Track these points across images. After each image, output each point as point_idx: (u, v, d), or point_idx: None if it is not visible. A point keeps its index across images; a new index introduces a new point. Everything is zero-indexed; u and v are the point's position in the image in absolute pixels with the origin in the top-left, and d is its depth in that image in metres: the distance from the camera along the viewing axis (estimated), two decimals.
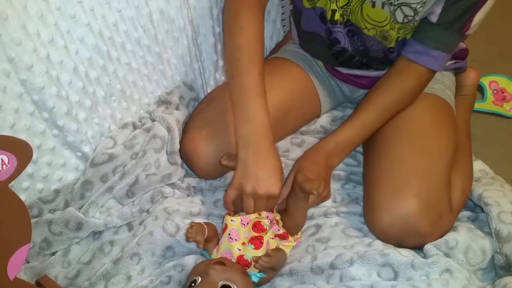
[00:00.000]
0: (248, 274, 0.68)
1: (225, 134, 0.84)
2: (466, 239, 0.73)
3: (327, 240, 0.76)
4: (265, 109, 0.75)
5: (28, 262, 0.77)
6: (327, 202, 0.84)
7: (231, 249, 0.71)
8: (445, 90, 0.89)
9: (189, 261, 0.75)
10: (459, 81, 1.01)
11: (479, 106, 1.14)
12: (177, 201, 0.85)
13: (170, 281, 0.74)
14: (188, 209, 0.83)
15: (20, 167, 0.61)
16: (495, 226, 0.74)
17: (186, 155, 0.87)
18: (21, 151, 0.61)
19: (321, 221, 0.81)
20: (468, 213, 0.81)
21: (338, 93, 1.01)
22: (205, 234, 0.70)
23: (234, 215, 0.75)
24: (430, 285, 0.67)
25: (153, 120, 0.89)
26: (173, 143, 0.87)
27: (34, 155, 0.73)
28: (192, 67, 0.97)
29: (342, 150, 0.84)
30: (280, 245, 0.72)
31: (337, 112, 1.03)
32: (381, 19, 0.79)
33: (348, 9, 0.81)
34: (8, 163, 0.60)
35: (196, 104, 0.98)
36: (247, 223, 0.73)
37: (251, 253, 0.70)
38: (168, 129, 0.87)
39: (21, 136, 0.71)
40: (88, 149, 0.82)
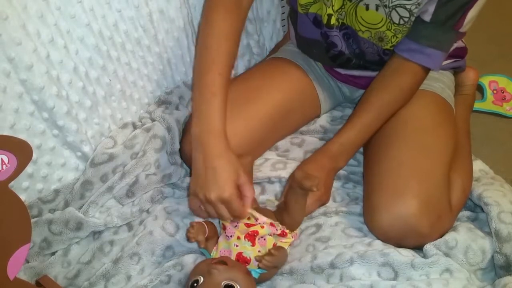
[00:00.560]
0: (250, 272, 0.68)
1: None
2: (466, 239, 0.73)
3: (327, 239, 0.76)
4: (219, 110, 0.71)
5: (28, 262, 0.77)
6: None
7: (229, 247, 0.71)
8: (445, 89, 0.89)
9: (188, 260, 0.75)
10: (459, 80, 1.01)
11: (478, 106, 1.14)
12: (177, 201, 0.85)
13: (170, 280, 0.74)
14: (187, 208, 0.83)
15: (20, 167, 0.61)
16: (495, 226, 0.74)
17: (186, 155, 0.87)
18: (21, 151, 0.61)
19: (321, 220, 0.81)
20: (468, 213, 0.81)
21: (338, 93, 1.01)
22: (206, 234, 0.70)
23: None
24: (430, 285, 0.67)
25: (153, 120, 0.89)
26: (173, 143, 0.87)
27: (34, 155, 0.73)
28: (192, 67, 0.97)
29: (347, 151, 0.83)
30: (279, 243, 0.72)
31: (336, 112, 1.03)
32: (376, 21, 0.79)
33: (343, 12, 0.81)
34: (8, 163, 0.60)
35: None
36: (238, 223, 0.72)
37: (249, 250, 0.70)
38: (168, 129, 0.87)
39: (21, 136, 0.71)
40: (88, 149, 0.82)
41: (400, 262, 0.69)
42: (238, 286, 0.63)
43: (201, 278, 0.64)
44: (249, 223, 0.72)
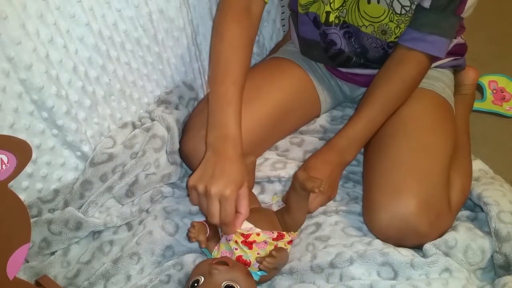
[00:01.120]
0: (251, 273, 0.68)
1: None
2: (465, 239, 0.73)
3: (327, 238, 0.76)
4: (234, 118, 0.72)
5: (27, 261, 0.77)
6: None
7: (230, 249, 0.71)
8: (445, 89, 0.89)
9: (188, 260, 0.75)
10: (458, 80, 1.01)
11: (478, 105, 1.15)
12: (177, 201, 0.85)
13: (170, 280, 0.74)
14: (187, 208, 0.83)
15: (19, 167, 0.61)
16: (494, 225, 0.74)
17: (185, 155, 0.87)
18: (21, 151, 0.61)
19: (321, 219, 0.81)
20: (467, 212, 0.81)
21: (338, 92, 1.01)
22: (207, 233, 0.70)
23: None
24: (430, 284, 0.67)
25: (152, 120, 0.89)
26: (173, 142, 0.87)
27: (33, 155, 0.73)
28: (192, 67, 0.97)
29: (353, 145, 0.83)
30: (279, 244, 0.72)
31: (336, 112, 1.03)
32: (378, 14, 0.79)
33: (344, 10, 0.81)
34: (7, 162, 0.60)
35: (196, 104, 0.98)
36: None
37: (248, 253, 0.70)
38: (168, 129, 0.87)
39: (21, 136, 0.71)
40: (88, 148, 0.82)
41: (399, 261, 0.69)
42: (238, 287, 0.63)
43: (202, 278, 0.64)
44: (245, 234, 0.71)
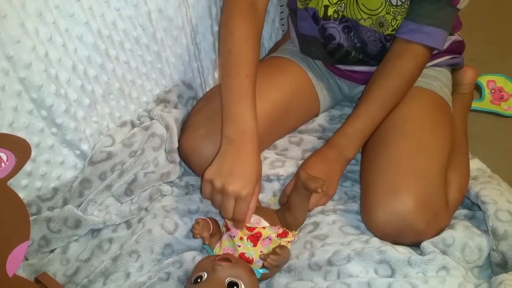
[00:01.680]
0: (251, 268, 0.68)
1: None
2: (463, 237, 0.73)
3: (324, 237, 0.77)
4: (250, 111, 0.73)
5: (27, 259, 0.77)
6: None
7: (233, 246, 0.71)
8: (442, 88, 0.89)
9: (187, 257, 0.75)
10: (456, 79, 1.01)
11: (476, 105, 1.15)
12: (176, 199, 0.86)
13: (169, 277, 0.74)
14: (186, 206, 0.84)
15: (18, 165, 0.61)
16: (492, 224, 0.74)
17: (184, 153, 0.87)
18: (20, 149, 0.61)
19: (318, 218, 0.81)
20: (465, 211, 0.82)
21: (337, 91, 1.02)
22: (211, 230, 0.71)
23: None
24: (427, 282, 0.67)
25: (151, 119, 0.89)
26: (172, 141, 0.87)
27: (32, 153, 0.73)
28: (191, 66, 0.97)
29: (353, 142, 0.84)
30: (282, 242, 0.73)
31: (335, 111, 1.03)
32: (376, 7, 0.80)
33: (342, 4, 0.81)
34: (6, 160, 0.60)
35: (195, 103, 0.98)
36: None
37: (251, 251, 0.70)
38: (167, 128, 0.87)
39: (20, 134, 0.71)
40: (87, 147, 0.82)
41: (397, 259, 0.70)
42: (242, 283, 0.63)
43: (205, 274, 0.64)
44: (251, 227, 0.72)
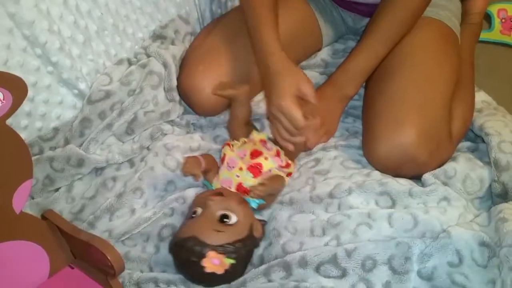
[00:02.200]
0: (246, 200, 0.70)
1: (224, 67, 0.82)
2: (464, 168, 0.73)
3: (326, 172, 0.77)
4: (273, 36, 0.76)
5: (32, 198, 0.79)
6: None
7: (230, 177, 0.72)
8: (451, 18, 0.86)
9: (190, 193, 0.76)
10: (465, 8, 0.96)
11: (485, 36, 1.10)
12: (177, 138, 0.85)
13: (173, 213, 0.75)
14: (187, 144, 0.84)
15: (15, 104, 0.60)
16: (494, 155, 0.73)
17: (184, 92, 0.86)
18: (16, 87, 0.60)
19: (320, 155, 0.81)
20: (468, 143, 0.81)
21: (341, 24, 0.98)
22: (202, 167, 0.71)
23: (232, 145, 0.75)
24: (428, 212, 0.68)
25: (148, 56, 0.87)
26: (170, 79, 0.85)
27: (30, 93, 0.72)
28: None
29: (354, 78, 0.81)
30: (280, 173, 0.73)
31: (338, 45, 1.00)
32: None
33: None
34: (3, 99, 0.59)
35: (192, 39, 0.95)
36: (244, 155, 0.73)
37: (249, 181, 0.71)
38: (165, 65, 0.85)
39: (15, 73, 0.69)
40: (84, 86, 0.81)
41: (398, 190, 0.70)
42: (233, 215, 0.65)
43: (199, 210, 0.66)
44: (256, 150, 0.72)
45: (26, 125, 0.78)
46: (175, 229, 0.74)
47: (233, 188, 0.72)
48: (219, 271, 0.63)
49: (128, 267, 0.70)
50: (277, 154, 0.75)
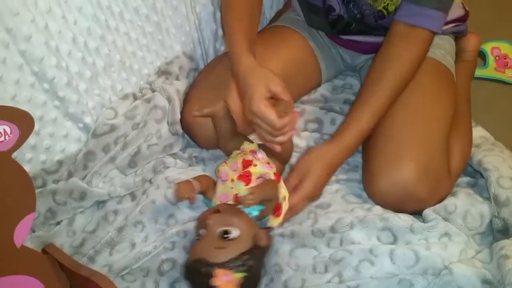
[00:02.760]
0: (244, 212, 0.69)
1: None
2: (465, 204, 0.74)
3: (327, 206, 0.77)
4: (241, 41, 0.77)
5: (34, 231, 0.78)
6: None
7: (226, 190, 0.72)
8: (446, 56, 0.88)
9: (191, 227, 0.76)
10: (460, 46, 1.00)
11: (480, 72, 1.14)
12: (179, 171, 0.86)
13: (174, 247, 0.75)
14: (189, 177, 0.83)
15: (22, 137, 0.61)
16: (493, 190, 0.74)
17: (187, 125, 0.87)
18: (23, 122, 0.61)
19: None
20: (467, 179, 0.82)
21: (339, 61, 1.00)
22: (197, 189, 0.71)
23: (226, 162, 0.76)
24: (429, 248, 0.68)
25: (153, 91, 0.89)
26: (174, 113, 0.87)
27: (36, 127, 0.73)
28: (192, 37, 0.96)
29: (345, 154, 0.79)
30: (271, 176, 0.73)
31: (338, 81, 1.02)
32: None
33: None
34: (10, 133, 0.60)
35: (196, 74, 0.97)
36: (237, 167, 0.74)
37: (243, 190, 0.70)
38: (169, 99, 0.87)
39: (23, 108, 0.70)
40: (90, 120, 0.82)
41: (399, 226, 0.70)
42: (233, 229, 0.65)
43: (202, 231, 0.66)
44: (245, 159, 0.73)
45: (31, 158, 0.78)
46: (175, 263, 0.73)
47: (231, 200, 0.72)
48: (234, 287, 0.63)
49: None
50: (267, 162, 0.76)
